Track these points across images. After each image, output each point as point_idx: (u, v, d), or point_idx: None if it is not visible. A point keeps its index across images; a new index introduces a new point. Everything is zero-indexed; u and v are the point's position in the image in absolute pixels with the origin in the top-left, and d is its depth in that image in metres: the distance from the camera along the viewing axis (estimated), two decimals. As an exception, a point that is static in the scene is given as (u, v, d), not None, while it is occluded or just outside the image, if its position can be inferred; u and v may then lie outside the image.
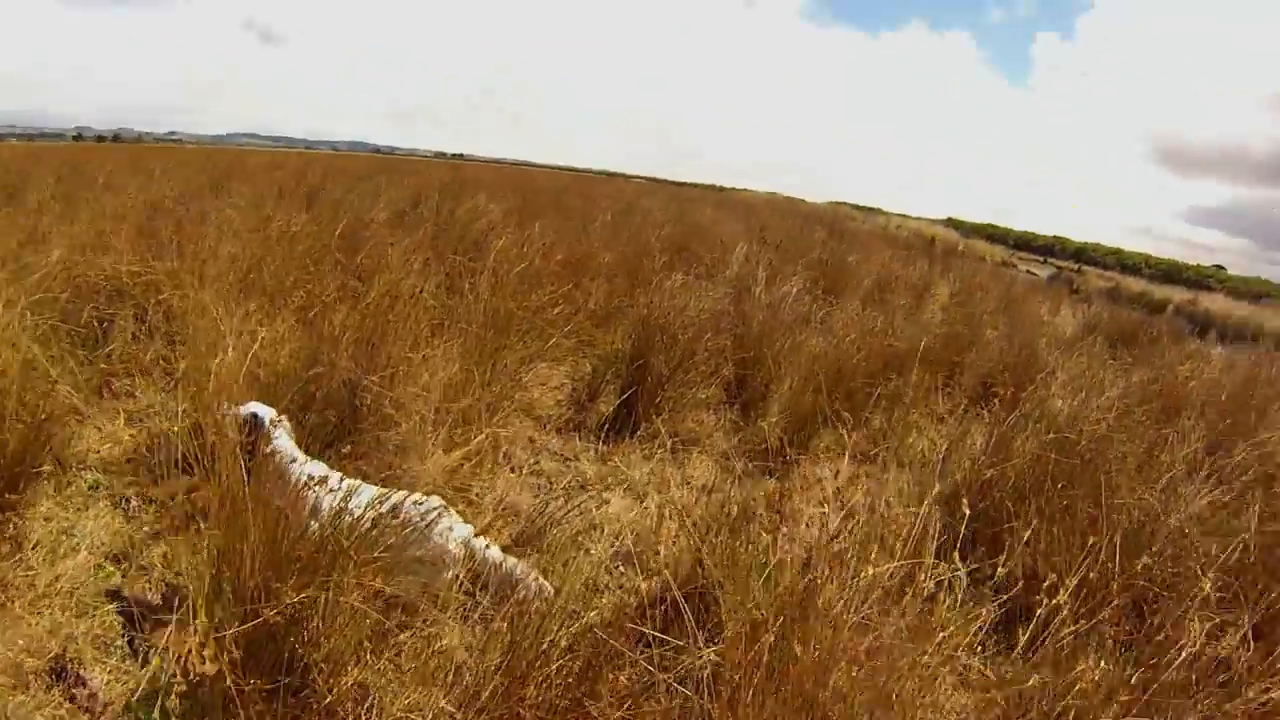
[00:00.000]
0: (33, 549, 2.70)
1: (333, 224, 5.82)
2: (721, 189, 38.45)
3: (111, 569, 2.70)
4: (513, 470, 3.74)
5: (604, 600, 2.77)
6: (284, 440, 2.75)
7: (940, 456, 3.87)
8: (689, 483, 3.88)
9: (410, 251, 5.42)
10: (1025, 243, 40.34)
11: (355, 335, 3.41)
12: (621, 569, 3.05)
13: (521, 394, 4.23)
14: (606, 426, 4.18)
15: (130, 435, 3.44)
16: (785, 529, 2.63)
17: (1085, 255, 38.14)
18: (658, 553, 2.89)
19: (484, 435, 3.44)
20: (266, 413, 2.76)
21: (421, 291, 4.16)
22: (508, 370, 3.98)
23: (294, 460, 2.69)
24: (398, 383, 3.37)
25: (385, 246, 5.59)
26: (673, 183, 45.32)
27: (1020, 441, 3.72)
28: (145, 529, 2.88)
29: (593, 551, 3.07)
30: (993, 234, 39.82)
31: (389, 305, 3.70)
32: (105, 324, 4.03)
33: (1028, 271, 25.12)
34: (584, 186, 21.59)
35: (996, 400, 5.22)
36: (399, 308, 3.72)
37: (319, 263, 4.85)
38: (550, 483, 3.69)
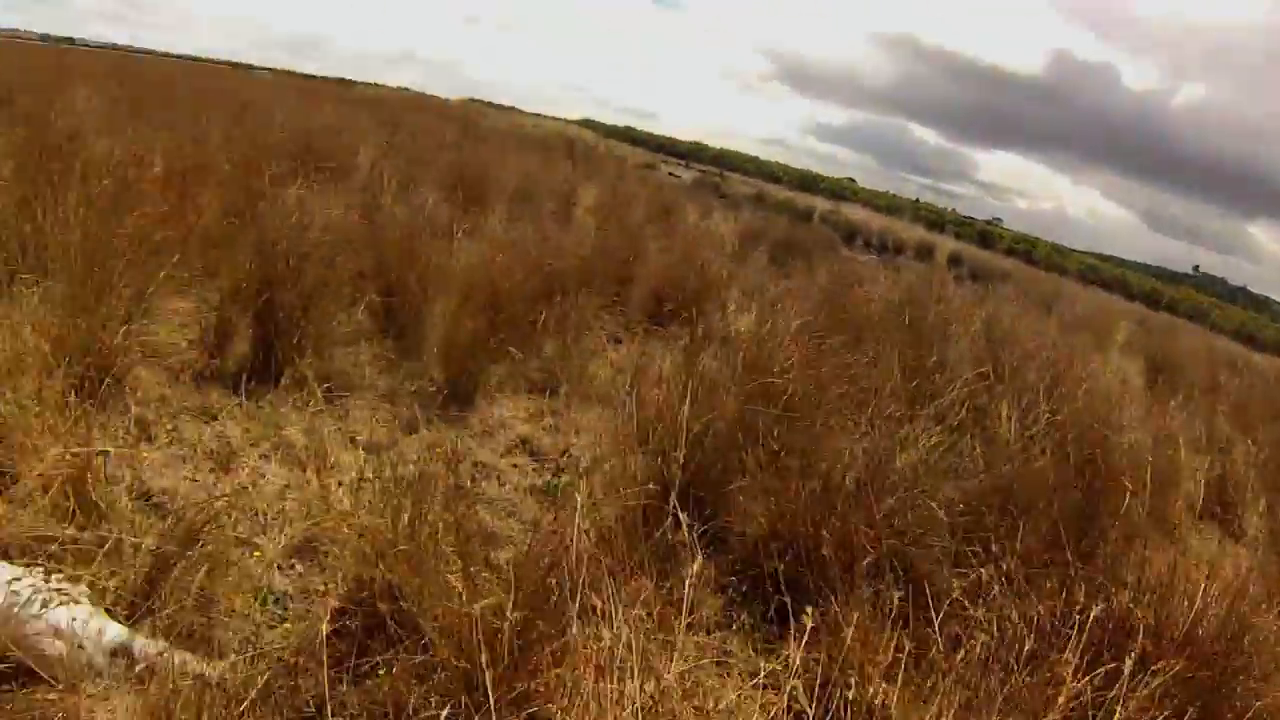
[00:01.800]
0: None
1: None
2: (352, 84, 35.42)
3: None
4: (149, 440, 3.06)
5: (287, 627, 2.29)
6: None
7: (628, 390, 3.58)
8: (354, 439, 3.41)
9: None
10: (665, 147, 41.32)
11: None
12: (297, 567, 2.57)
13: (144, 340, 3.51)
14: (247, 373, 3.57)
15: None
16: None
17: (725, 161, 40.05)
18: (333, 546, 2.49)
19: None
20: None
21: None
22: (117, 316, 3.25)
23: None
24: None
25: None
26: (300, 75, 41.07)
27: (722, 382, 3.31)
28: None
29: (261, 549, 2.54)
30: (634, 138, 40.97)
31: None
32: None
33: (670, 174, 26.42)
34: (201, 80, 18.72)
35: (672, 318, 5.31)
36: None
37: None
38: (195, 451, 3.07)
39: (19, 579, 1.88)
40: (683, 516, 2.31)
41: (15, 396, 2.62)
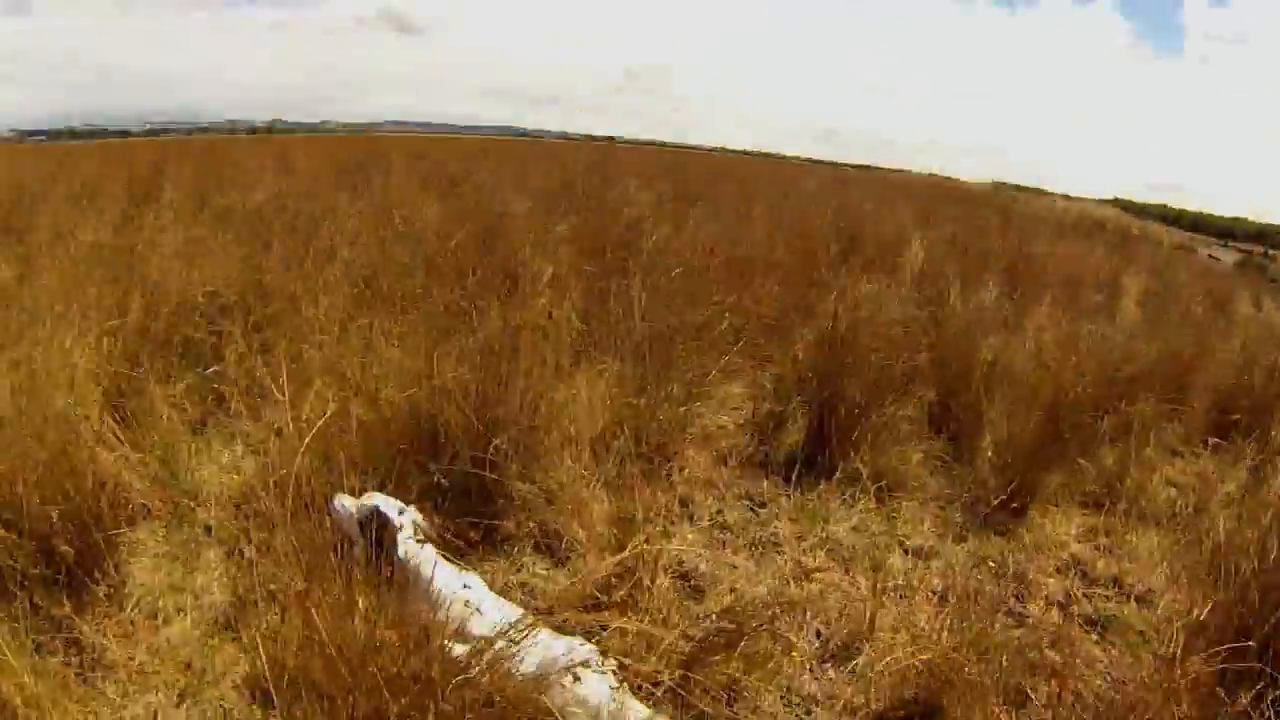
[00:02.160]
0: (132, 609, 2.32)
1: (468, 217, 5.39)
2: (876, 169, 36.69)
3: (217, 641, 2.25)
4: (692, 521, 3.13)
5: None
6: (417, 545, 2.20)
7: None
8: (902, 543, 3.18)
9: (552, 250, 4.94)
10: (1200, 224, 37.08)
11: (481, 367, 2.81)
12: (830, 673, 2.40)
13: (696, 422, 3.64)
14: (798, 463, 3.49)
15: (248, 467, 3.04)
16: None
17: (1270, 237, 34.08)
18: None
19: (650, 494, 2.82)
20: (392, 506, 2.24)
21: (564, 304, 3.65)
22: (674, 398, 3.40)
23: (427, 564, 2.15)
24: (539, 425, 2.84)
25: (524, 244, 5.09)
26: (827, 163, 43.85)
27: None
28: (260, 589, 2.35)
29: (796, 647, 2.40)
30: (1165, 215, 37.22)
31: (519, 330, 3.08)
32: (215, 338, 3.70)
33: (1210, 256, 22.79)
34: (737, 169, 20.90)
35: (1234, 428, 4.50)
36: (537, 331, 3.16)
37: (447, 267, 4.38)
38: (737, 538, 3.06)
39: (565, 645, 1.94)
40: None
41: (574, 465, 2.83)
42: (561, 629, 2.15)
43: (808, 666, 2.38)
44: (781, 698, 2.24)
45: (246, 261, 4.18)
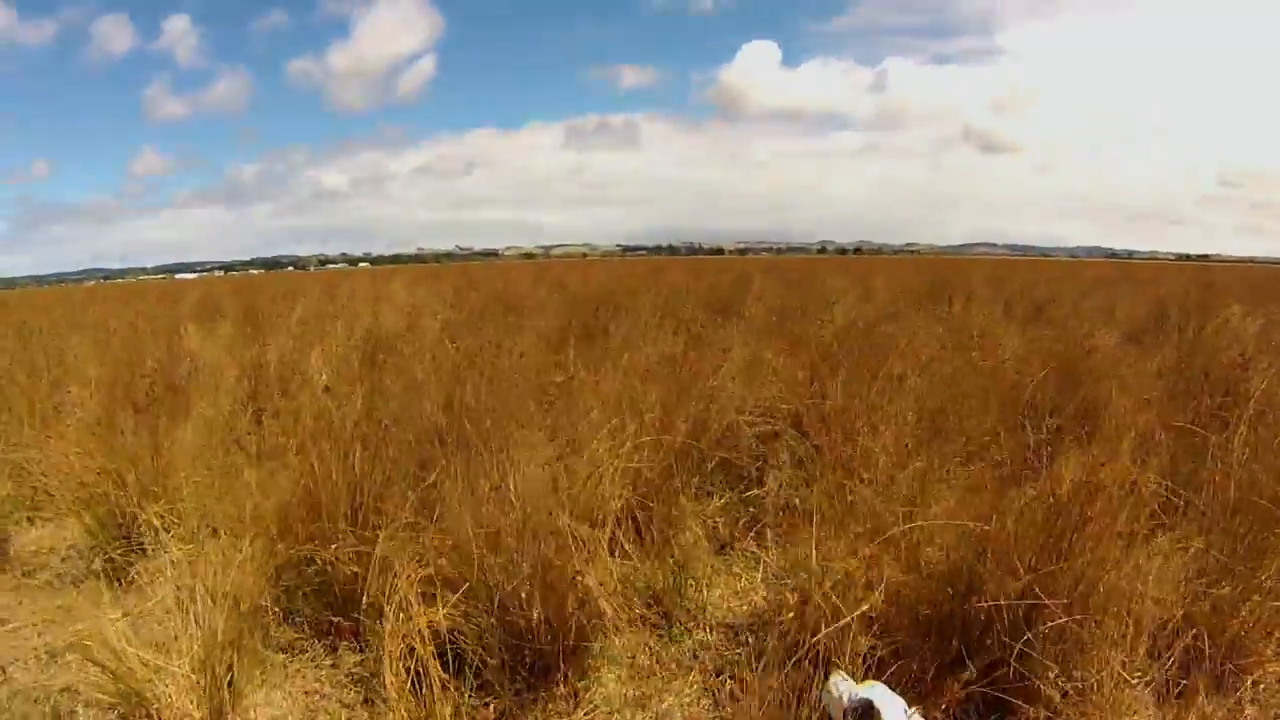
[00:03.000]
0: (586, 716, 2.47)
1: (1049, 349, 4.99)
2: None
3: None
4: None
5: None
6: None
7: None
8: None
9: (1140, 392, 4.30)
10: None
11: (1044, 530, 2.46)
12: None
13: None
14: None
15: (762, 597, 3.08)
16: None
17: None
18: None
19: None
20: (893, 705, 1.89)
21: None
22: (1264, 589, 2.66)
23: None
24: (1093, 607, 2.37)
25: (1109, 383, 4.52)
26: None
27: None
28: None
29: None
30: None
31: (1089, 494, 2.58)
32: (760, 462, 3.85)
33: None
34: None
35: None
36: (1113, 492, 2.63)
37: (1022, 404, 4.07)
38: None
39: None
40: None
41: (1123, 662, 2.36)
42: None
43: None
44: None
45: (807, 386, 4.25)
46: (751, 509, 3.61)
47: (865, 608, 2.25)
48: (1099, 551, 2.40)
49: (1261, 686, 2.64)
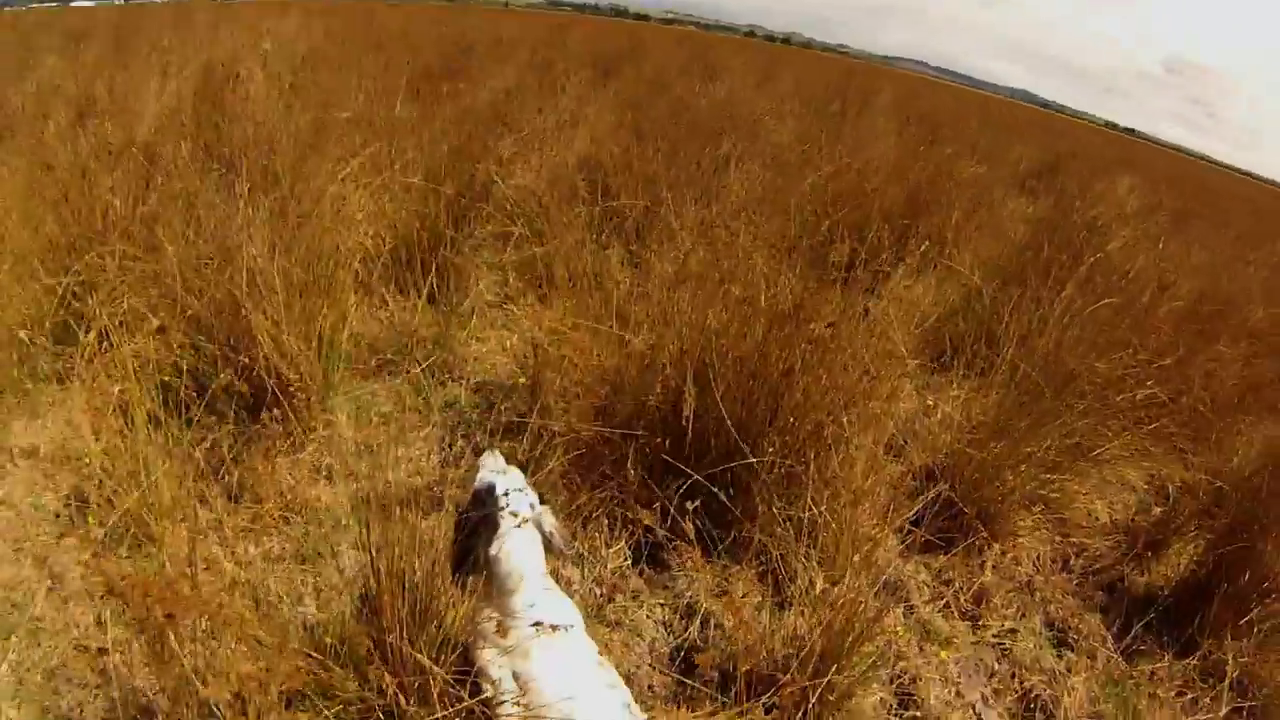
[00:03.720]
0: None
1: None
2: None
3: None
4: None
5: None
6: (523, 542, 1.59)
7: None
8: None
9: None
10: None
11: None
12: None
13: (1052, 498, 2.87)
14: (1152, 611, 2.60)
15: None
16: None
17: None
18: None
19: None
20: (511, 484, 1.65)
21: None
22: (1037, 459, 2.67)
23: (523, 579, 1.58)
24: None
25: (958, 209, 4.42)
26: None
27: None
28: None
29: None
30: None
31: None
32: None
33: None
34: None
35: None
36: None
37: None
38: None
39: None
40: None
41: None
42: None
43: None
44: None
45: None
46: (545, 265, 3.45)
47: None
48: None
49: (1010, 557, 2.68)
